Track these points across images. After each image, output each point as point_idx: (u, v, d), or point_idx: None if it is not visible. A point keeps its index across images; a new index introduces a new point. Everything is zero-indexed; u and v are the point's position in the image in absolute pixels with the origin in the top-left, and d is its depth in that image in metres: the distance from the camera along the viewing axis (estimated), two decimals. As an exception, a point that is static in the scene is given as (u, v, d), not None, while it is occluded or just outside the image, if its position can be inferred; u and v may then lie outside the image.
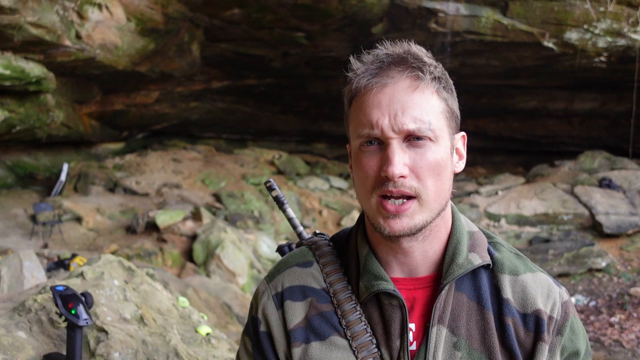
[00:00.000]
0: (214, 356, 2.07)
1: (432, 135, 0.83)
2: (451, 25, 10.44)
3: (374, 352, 0.88)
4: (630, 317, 7.86)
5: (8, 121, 9.51)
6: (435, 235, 0.90)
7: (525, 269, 0.92)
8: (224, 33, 11.17)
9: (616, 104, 14.47)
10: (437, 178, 0.85)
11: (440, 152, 0.85)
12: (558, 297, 0.90)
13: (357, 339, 0.89)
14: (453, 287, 0.89)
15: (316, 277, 0.95)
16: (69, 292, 1.53)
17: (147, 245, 8.85)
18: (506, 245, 0.97)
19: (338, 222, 12.11)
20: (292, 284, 0.95)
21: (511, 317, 0.88)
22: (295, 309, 0.93)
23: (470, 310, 0.88)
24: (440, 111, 0.85)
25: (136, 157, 14.41)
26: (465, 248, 0.90)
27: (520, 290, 0.90)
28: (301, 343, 0.91)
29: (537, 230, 11.10)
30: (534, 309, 0.88)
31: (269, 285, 0.98)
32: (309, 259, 0.98)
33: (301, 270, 0.97)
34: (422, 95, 0.84)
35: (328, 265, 0.96)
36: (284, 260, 1.01)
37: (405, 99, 0.83)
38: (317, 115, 16.99)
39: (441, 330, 0.87)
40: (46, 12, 7.91)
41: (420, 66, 0.85)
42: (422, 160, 0.83)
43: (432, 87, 0.85)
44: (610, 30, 10.45)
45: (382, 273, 0.89)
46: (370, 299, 0.90)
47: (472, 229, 0.95)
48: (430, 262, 0.91)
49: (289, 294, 0.95)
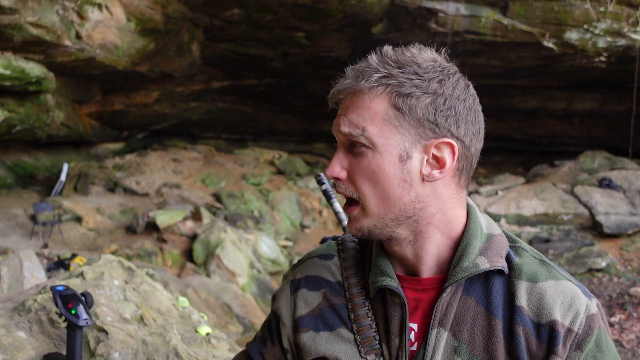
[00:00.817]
0: (214, 356, 2.07)
1: (368, 142, 0.83)
2: (451, 25, 10.44)
3: (376, 348, 0.89)
4: (630, 317, 7.87)
5: (8, 121, 9.51)
6: (426, 239, 0.88)
7: (548, 276, 0.87)
8: (224, 33, 11.17)
9: (616, 104, 14.48)
10: (375, 186, 0.84)
11: (378, 160, 0.83)
12: (583, 309, 0.83)
13: (362, 334, 0.90)
14: (460, 290, 0.87)
15: (333, 270, 0.98)
16: (69, 292, 1.54)
17: (147, 245, 8.85)
18: (530, 251, 0.92)
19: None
20: (309, 274, 1.00)
21: (522, 326, 0.83)
22: (308, 298, 0.97)
23: (477, 316, 0.86)
24: (386, 118, 0.82)
25: (136, 157, 14.42)
26: (474, 251, 0.87)
27: (537, 298, 0.85)
28: (309, 330, 0.95)
29: (537, 230, 11.10)
30: (549, 319, 0.83)
31: (292, 271, 1.04)
32: (331, 252, 1.02)
33: (320, 262, 1.01)
34: (362, 102, 0.84)
35: (347, 260, 0.98)
36: (310, 251, 1.06)
37: (348, 106, 0.85)
38: (317, 115, 17.00)
39: (442, 333, 0.85)
40: (46, 12, 7.91)
41: (363, 73, 0.84)
42: (357, 166, 0.85)
43: (374, 93, 0.83)
44: (610, 30, 10.45)
45: (387, 269, 0.90)
46: (378, 295, 0.91)
47: (492, 232, 0.92)
48: (433, 264, 0.89)
49: (305, 283, 0.99)
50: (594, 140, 15.91)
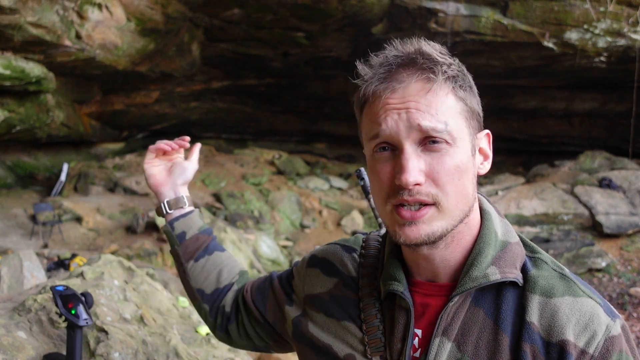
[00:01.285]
0: (214, 356, 2.07)
1: (449, 138, 0.77)
2: (451, 25, 10.45)
3: (381, 350, 0.89)
4: (630, 317, 7.87)
5: (8, 121, 9.51)
6: (458, 243, 0.84)
7: (565, 292, 0.80)
8: (224, 33, 11.17)
9: (616, 104, 14.48)
10: (458, 183, 0.78)
11: (459, 156, 0.78)
12: (602, 330, 0.76)
13: (370, 334, 0.90)
14: (469, 300, 0.82)
15: (351, 264, 0.98)
16: (69, 292, 1.53)
17: (147, 245, 8.85)
18: (551, 264, 0.85)
19: (338, 222, 12.11)
20: (328, 258, 1.01)
21: (530, 344, 0.78)
22: (319, 279, 1.00)
23: (484, 328, 0.81)
24: (458, 111, 0.79)
25: (136, 157, 14.41)
26: (486, 260, 0.82)
27: (550, 315, 0.78)
28: (320, 311, 0.97)
29: (537, 230, 11.10)
30: (560, 338, 0.76)
31: (315, 250, 1.06)
32: (354, 246, 1.01)
33: (341, 252, 1.01)
34: (436, 96, 0.77)
35: (367, 258, 0.98)
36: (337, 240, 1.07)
37: (418, 98, 0.77)
38: (317, 115, 17.00)
39: (444, 343, 0.82)
40: (46, 12, 7.91)
41: (431, 67, 0.78)
42: (440, 165, 0.77)
43: (446, 87, 0.79)
44: (610, 30, 10.46)
45: (396, 274, 0.88)
46: (388, 298, 0.90)
47: (508, 240, 0.86)
48: (451, 270, 0.85)
49: (320, 263, 1.02)
50: (594, 140, 15.91)
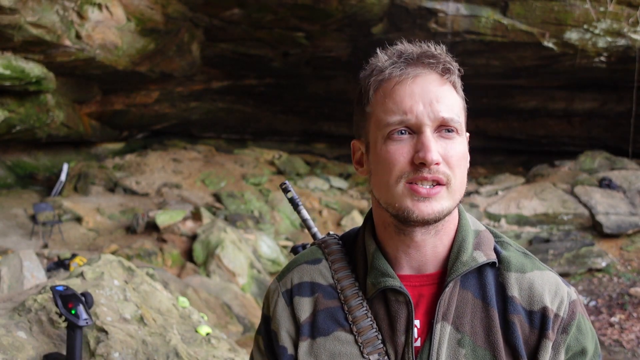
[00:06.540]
0: (214, 356, 2.07)
1: (459, 128, 0.88)
2: (451, 25, 10.44)
3: (380, 348, 0.89)
4: (630, 317, 7.87)
5: (8, 121, 9.51)
6: (446, 231, 0.92)
7: (533, 267, 0.93)
8: (224, 33, 11.17)
9: (616, 104, 14.47)
10: (463, 169, 0.88)
11: (463, 146, 0.89)
12: (566, 296, 0.91)
13: (363, 335, 0.90)
14: (458, 284, 0.90)
15: (324, 273, 0.97)
16: (69, 292, 1.53)
17: (147, 245, 8.85)
18: (514, 245, 0.98)
19: (338, 222, 12.11)
20: (300, 281, 0.98)
21: (516, 315, 0.88)
22: (304, 304, 0.95)
23: (475, 308, 0.89)
24: (462, 107, 0.90)
25: (136, 157, 14.41)
26: (470, 246, 0.91)
27: (527, 287, 0.90)
28: (307, 338, 0.93)
29: (537, 230, 11.10)
30: (541, 306, 0.89)
31: (279, 283, 1.00)
32: (318, 256, 1.00)
33: (310, 267, 0.99)
34: (450, 89, 0.88)
35: (336, 262, 0.98)
36: (294, 259, 1.04)
37: (437, 89, 0.87)
38: (317, 115, 16.99)
39: (445, 327, 0.88)
40: (46, 12, 7.91)
41: (449, 61, 0.89)
42: (452, 150, 0.86)
43: (455, 84, 0.90)
44: (610, 30, 10.45)
45: (388, 270, 0.90)
46: (377, 296, 0.91)
47: (478, 228, 0.97)
48: (438, 258, 0.92)
49: (298, 290, 0.97)
50: (594, 140, 15.90)
